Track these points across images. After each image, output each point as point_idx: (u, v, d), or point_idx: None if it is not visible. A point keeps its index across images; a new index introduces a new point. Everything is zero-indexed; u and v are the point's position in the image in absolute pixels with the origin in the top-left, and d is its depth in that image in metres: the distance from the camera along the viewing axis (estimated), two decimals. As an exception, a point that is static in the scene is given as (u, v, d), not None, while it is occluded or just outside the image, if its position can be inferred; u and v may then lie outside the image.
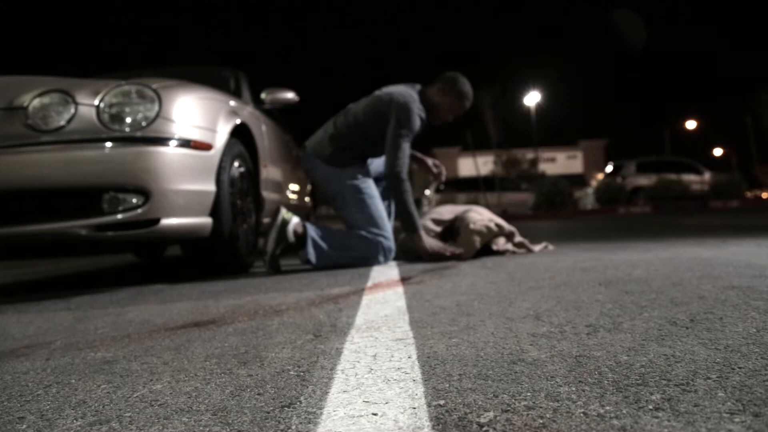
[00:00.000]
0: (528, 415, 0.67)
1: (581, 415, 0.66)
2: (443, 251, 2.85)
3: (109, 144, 2.16)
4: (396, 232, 3.10)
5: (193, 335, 1.30)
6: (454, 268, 2.47)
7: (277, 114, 4.21)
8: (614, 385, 0.76)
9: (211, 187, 2.49)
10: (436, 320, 1.29)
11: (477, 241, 2.91)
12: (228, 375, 0.94)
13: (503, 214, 15.01)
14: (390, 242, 2.91)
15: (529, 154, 36.37)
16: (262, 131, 3.38)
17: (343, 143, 2.97)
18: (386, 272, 2.43)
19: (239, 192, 2.83)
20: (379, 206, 2.97)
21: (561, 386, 0.77)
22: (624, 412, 0.66)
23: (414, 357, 0.97)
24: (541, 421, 0.65)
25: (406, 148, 2.89)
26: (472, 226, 2.93)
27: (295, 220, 2.80)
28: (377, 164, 3.23)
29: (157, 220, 2.24)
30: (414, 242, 2.88)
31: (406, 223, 2.88)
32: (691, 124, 44.86)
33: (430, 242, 2.88)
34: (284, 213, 2.79)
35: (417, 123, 2.93)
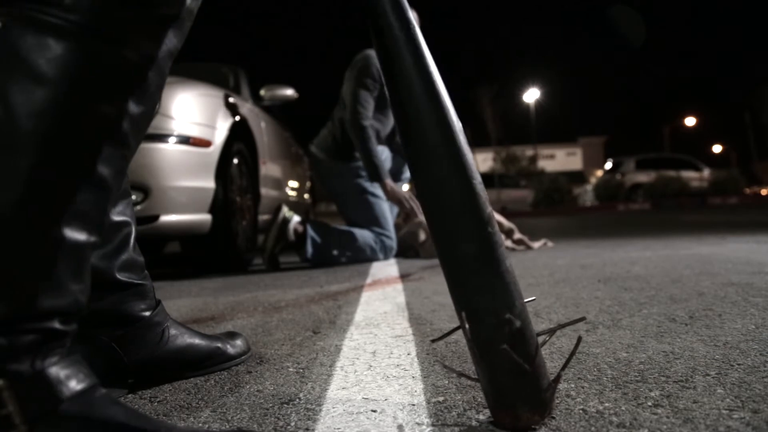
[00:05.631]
0: (527, 411, 0.67)
1: (580, 411, 0.66)
2: (404, 200, 2.91)
3: (107, 141, 2.15)
4: (396, 228, 3.10)
5: (192, 332, 1.30)
6: (453, 264, 2.47)
7: (277, 111, 4.21)
8: (613, 381, 0.76)
9: (210, 183, 2.49)
10: (435, 317, 1.29)
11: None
12: (227, 372, 0.94)
13: (502, 211, 15.02)
14: (392, 241, 2.92)
15: (529, 151, 36.37)
16: (261, 128, 3.37)
17: (344, 133, 2.98)
18: (385, 269, 2.43)
19: (238, 189, 2.82)
20: (383, 206, 2.97)
21: (560, 383, 0.77)
22: (623, 408, 0.66)
23: (413, 354, 0.97)
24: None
25: (365, 96, 2.88)
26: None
27: (296, 219, 2.80)
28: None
29: (156, 217, 2.24)
30: (382, 189, 2.91)
31: (371, 173, 2.87)
32: (690, 121, 44.89)
33: (396, 191, 2.90)
34: (285, 211, 2.80)
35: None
